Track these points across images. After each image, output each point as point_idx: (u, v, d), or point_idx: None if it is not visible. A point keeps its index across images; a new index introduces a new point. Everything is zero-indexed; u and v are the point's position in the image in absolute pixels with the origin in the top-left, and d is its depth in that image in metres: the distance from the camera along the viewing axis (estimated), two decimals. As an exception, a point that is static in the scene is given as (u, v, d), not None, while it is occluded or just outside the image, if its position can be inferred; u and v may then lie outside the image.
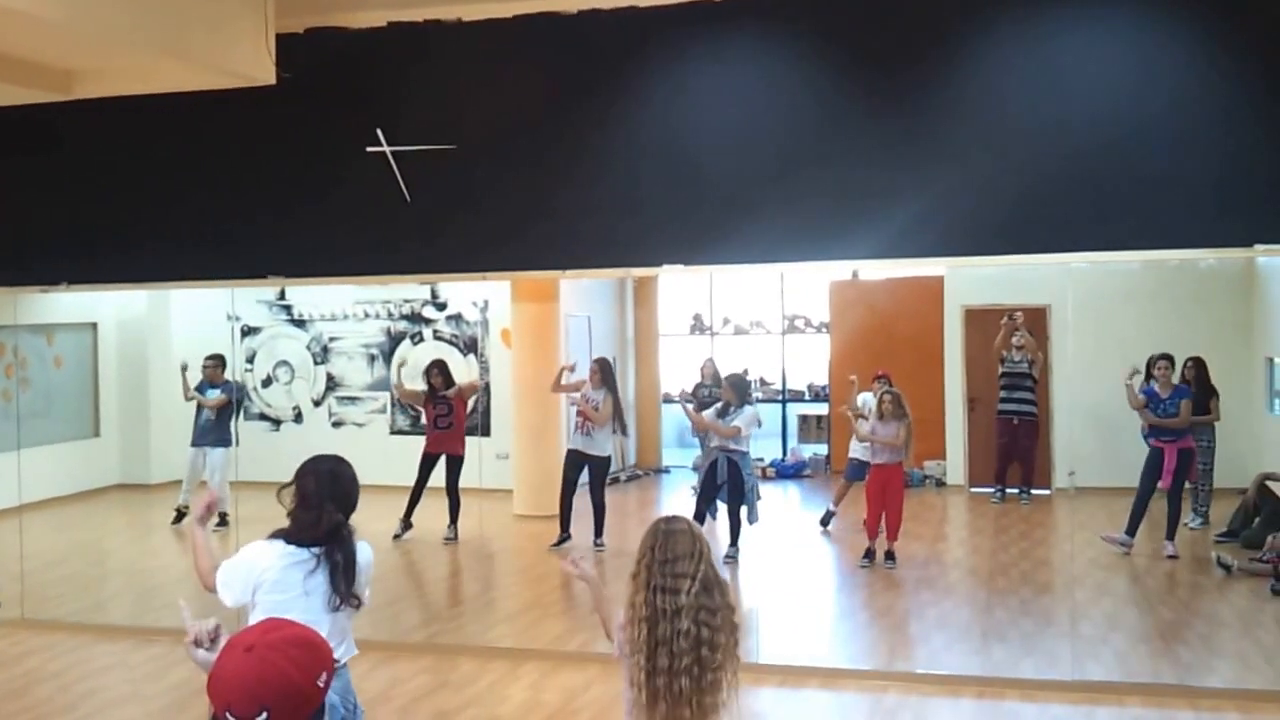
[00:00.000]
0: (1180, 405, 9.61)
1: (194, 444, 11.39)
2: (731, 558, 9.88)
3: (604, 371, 10.76)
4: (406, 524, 10.85)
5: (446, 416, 10.93)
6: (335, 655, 4.15)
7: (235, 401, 11.55)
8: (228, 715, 2.18)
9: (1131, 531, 9.67)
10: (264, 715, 2.16)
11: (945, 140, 6.87)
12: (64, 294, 8.95)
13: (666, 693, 3.31)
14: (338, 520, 4.21)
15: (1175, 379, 9.85)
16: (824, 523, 10.98)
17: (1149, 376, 9.80)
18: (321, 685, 2.26)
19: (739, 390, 10.11)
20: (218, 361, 11.39)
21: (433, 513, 10.88)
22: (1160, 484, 9.59)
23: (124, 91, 7.64)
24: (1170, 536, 9.66)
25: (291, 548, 4.18)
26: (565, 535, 10.56)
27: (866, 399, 10.35)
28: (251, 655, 2.22)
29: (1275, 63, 6.41)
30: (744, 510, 9.88)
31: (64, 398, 12.83)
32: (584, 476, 10.72)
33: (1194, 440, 9.80)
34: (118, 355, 13.39)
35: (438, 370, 11.15)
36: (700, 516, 9.96)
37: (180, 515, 11.29)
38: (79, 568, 10.45)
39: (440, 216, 7.65)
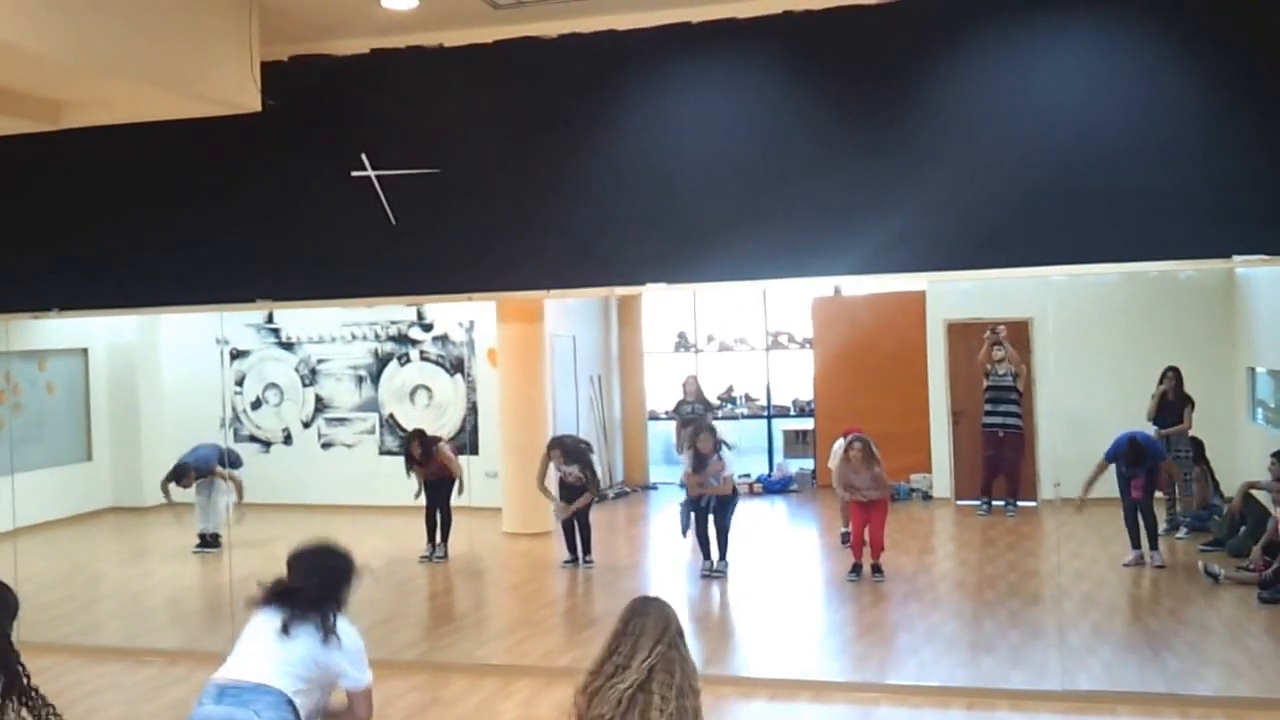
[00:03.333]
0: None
1: None
2: (721, 572, 9.95)
3: (563, 450, 10.66)
4: (433, 546, 10.96)
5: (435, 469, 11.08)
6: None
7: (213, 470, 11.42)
8: None
9: (1135, 544, 9.77)
10: None
11: (925, 155, 6.91)
12: (55, 320, 8.98)
13: None
14: None
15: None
16: (845, 541, 10.70)
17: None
18: None
19: (714, 434, 10.17)
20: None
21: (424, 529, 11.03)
22: (1132, 495, 9.71)
23: (112, 121, 7.64)
24: (1154, 546, 9.76)
25: None
26: (573, 557, 10.59)
27: (837, 447, 10.28)
28: None
29: (1251, 74, 6.47)
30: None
31: (56, 422, 12.87)
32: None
33: (1170, 451, 9.96)
34: (109, 380, 13.44)
35: (417, 442, 11.13)
36: (701, 535, 10.08)
37: (203, 541, 11.28)
38: (73, 590, 10.42)
39: (425, 238, 7.68)
